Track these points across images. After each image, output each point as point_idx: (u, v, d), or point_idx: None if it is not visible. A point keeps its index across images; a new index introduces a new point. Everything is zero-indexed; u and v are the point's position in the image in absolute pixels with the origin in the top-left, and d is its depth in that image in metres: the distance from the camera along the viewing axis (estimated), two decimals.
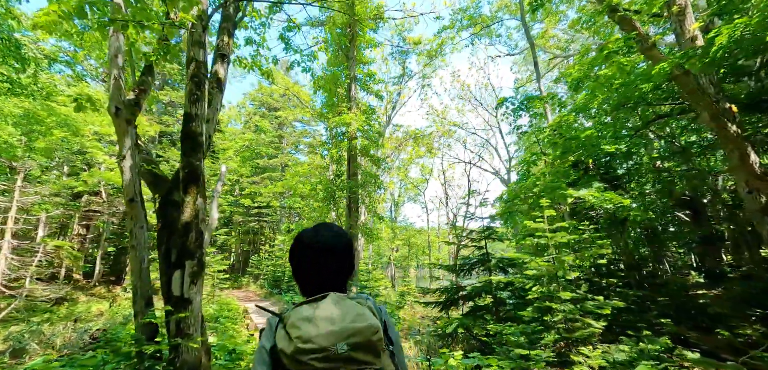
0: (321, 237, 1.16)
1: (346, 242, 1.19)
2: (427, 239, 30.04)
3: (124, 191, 4.37)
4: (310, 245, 1.15)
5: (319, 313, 0.99)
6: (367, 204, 12.35)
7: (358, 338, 0.96)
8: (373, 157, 12.21)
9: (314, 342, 0.93)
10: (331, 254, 1.15)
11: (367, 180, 11.85)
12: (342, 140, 11.60)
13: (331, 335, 0.94)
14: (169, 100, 17.28)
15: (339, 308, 1.00)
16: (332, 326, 0.95)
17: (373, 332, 0.97)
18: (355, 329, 0.96)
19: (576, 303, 4.48)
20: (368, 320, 0.98)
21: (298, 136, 25.43)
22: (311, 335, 0.94)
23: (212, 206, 11.17)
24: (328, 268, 1.14)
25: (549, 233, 4.87)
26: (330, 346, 0.93)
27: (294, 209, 24.01)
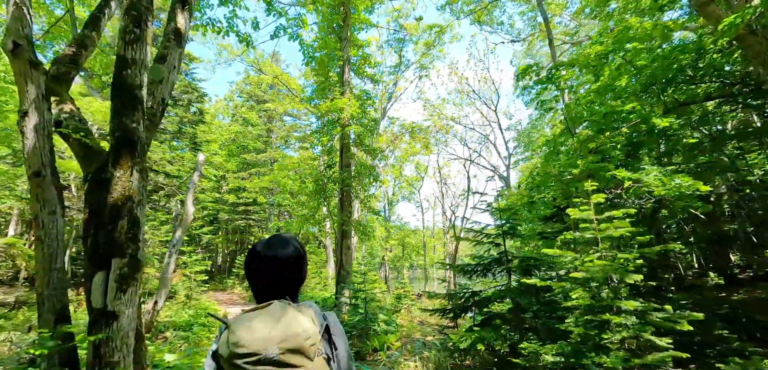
0: (271, 249, 1.25)
1: (296, 255, 1.28)
2: (423, 239, 28.99)
3: (25, 160, 3.18)
4: (260, 257, 1.25)
5: (258, 319, 1.07)
6: (361, 198, 11.20)
7: (290, 343, 1.03)
8: (368, 147, 11.07)
9: (247, 347, 1.01)
10: (281, 265, 1.24)
11: (361, 171, 10.70)
12: (334, 127, 10.44)
13: (264, 340, 1.02)
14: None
15: (278, 315, 1.08)
16: (266, 332, 1.03)
17: (306, 337, 1.05)
18: (289, 335, 1.03)
19: (641, 316, 3.40)
20: (303, 327, 1.06)
21: (288, 130, 24.16)
22: (245, 340, 1.02)
23: (188, 198, 9.96)
24: (277, 278, 1.24)
25: (599, 224, 3.78)
26: (262, 350, 1.01)
27: (283, 207, 22.75)
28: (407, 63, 18.58)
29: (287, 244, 1.28)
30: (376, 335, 7.96)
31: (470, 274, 5.96)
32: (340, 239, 10.59)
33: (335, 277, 10.46)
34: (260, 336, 1.02)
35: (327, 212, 12.11)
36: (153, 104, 4.18)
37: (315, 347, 1.07)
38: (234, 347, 1.01)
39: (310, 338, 1.06)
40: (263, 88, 22.87)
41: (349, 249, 10.49)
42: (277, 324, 1.05)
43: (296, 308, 1.13)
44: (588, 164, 4.20)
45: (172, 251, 9.13)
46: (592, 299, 3.57)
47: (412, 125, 19.57)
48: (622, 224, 3.66)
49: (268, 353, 1.00)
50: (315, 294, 14.28)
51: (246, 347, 1.01)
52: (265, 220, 22.44)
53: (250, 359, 1.00)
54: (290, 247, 1.28)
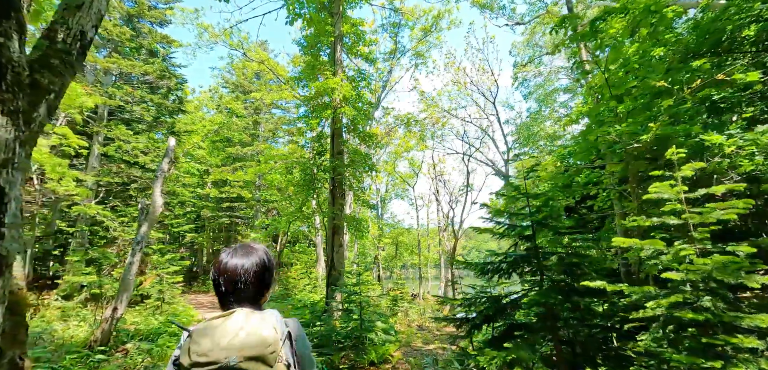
0: (236, 257, 1.29)
1: (261, 265, 1.31)
2: (417, 238, 27.92)
3: None
4: (225, 265, 1.27)
5: (220, 328, 1.10)
6: (355, 190, 10.04)
7: (249, 351, 1.06)
8: (363, 133, 9.92)
9: (208, 356, 1.05)
10: (245, 274, 1.26)
11: (355, 159, 9.55)
12: (325, 110, 9.27)
13: (224, 348, 1.05)
14: (120, 71, 14.57)
15: (240, 324, 1.11)
16: (226, 341, 1.06)
17: (266, 345, 1.08)
18: (248, 343, 1.07)
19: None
20: (263, 335, 1.09)
21: (276, 122, 22.85)
22: (206, 349, 1.06)
23: (155, 188, 8.68)
24: (241, 287, 1.25)
25: (689, 207, 2.71)
26: (222, 358, 1.04)
27: (269, 203, 21.45)
28: (403, 49, 17.49)
29: (252, 253, 1.33)
30: (373, 345, 6.83)
31: (491, 273, 4.85)
32: (330, 236, 9.43)
33: (326, 278, 9.30)
34: (220, 345, 1.06)
35: (316, 206, 10.93)
36: (66, 38, 3.01)
37: (275, 354, 1.11)
38: (195, 356, 1.06)
39: (270, 345, 1.10)
40: (249, 75, 21.52)
41: (341, 247, 9.33)
42: (239, 333, 1.09)
43: (259, 316, 1.16)
44: (664, 128, 3.14)
45: (135, 248, 7.88)
46: (692, 310, 2.49)
47: (408, 116, 18.49)
48: (729, 205, 2.58)
49: (229, 361, 1.04)
50: (303, 296, 13.09)
51: (206, 356, 1.05)
52: (251, 217, 21.11)
53: (210, 368, 1.04)
54: (255, 256, 1.32)
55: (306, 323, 7.83)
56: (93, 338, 7.31)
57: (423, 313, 12.80)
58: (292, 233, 21.04)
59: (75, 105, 11.62)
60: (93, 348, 7.11)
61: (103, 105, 14.79)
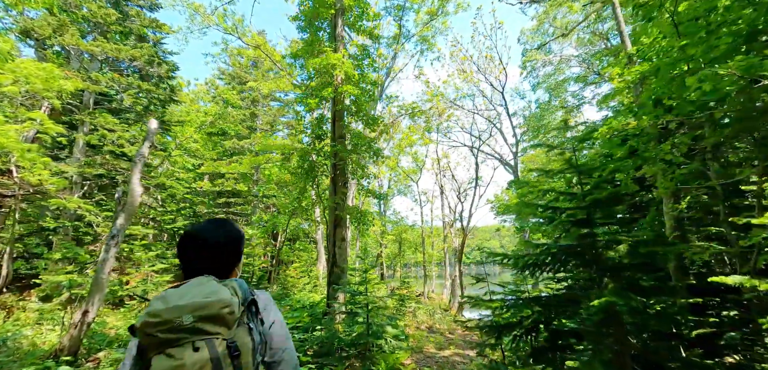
0: (204, 231, 1.27)
1: (230, 235, 1.30)
2: (421, 235, 26.91)
3: None
4: (192, 236, 1.26)
5: (176, 292, 1.07)
6: (358, 178, 9.06)
7: (205, 311, 1.02)
8: (366, 116, 8.94)
9: (160, 316, 1.00)
10: (211, 247, 1.25)
11: (359, 142, 8.58)
12: (325, 88, 8.29)
13: (177, 309, 1.01)
14: (106, 56, 13.59)
15: (197, 288, 1.08)
16: (180, 301, 1.03)
17: (222, 306, 1.05)
18: (204, 304, 1.03)
19: None
20: (220, 296, 1.06)
21: (274, 114, 21.85)
22: (158, 309, 1.02)
23: (133, 175, 7.70)
24: (207, 259, 1.24)
25: None
26: (174, 318, 1.00)
27: (268, 199, 20.47)
28: (407, 34, 16.49)
29: (221, 226, 1.31)
30: (382, 354, 5.87)
31: (532, 268, 3.88)
32: (331, 229, 8.46)
33: (327, 277, 8.34)
34: (174, 305, 1.02)
35: (315, 197, 9.96)
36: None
37: (234, 315, 1.07)
38: (147, 316, 1.02)
39: (228, 306, 1.05)
40: (245, 64, 20.53)
41: (343, 241, 8.37)
42: (194, 294, 1.06)
43: (223, 282, 1.14)
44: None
45: (110, 243, 6.93)
46: None
47: (413, 106, 17.50)
48: None
49: (183, 321, 1.00)
50: (303, 296, 12.13)
51: (159, 316, 1.00)
52: (249, 214, 20.16)
53: (162, 327, 1.00)
54: (223, 229, 1.30)
55: (305, 327, 6.88)
56: (59, 346, 6.37)
57: (432, 313, 11.84)
58: (292, 230, 20.08)
59: (53, 88, 10.67)
60: (58, 358, 6.16)
61: (88, 92, 13.84)
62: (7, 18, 13.82)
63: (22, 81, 10.23)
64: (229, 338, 1.04)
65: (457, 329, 11.05)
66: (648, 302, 3.50)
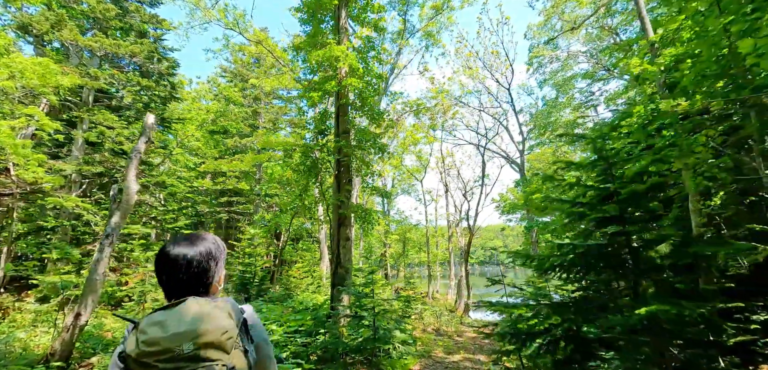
0: (179, 247, 1.20)
1: (206, 253, 1.23)
2: (426, 234, 26.53)
3: None
4: (166, 255, 1.19)
5: (170, 316, 1.02)
6: (363, 174, 8.71)
7: (205, 338, 0.99)
8: (371, 110, 8.60)
9: (160, 344, 0.96)
10: (187, 264, 1.18)
11: (364, 137, 8.24)
12: (328, 82, 7.95)
13: (177, 336, 0.97)
14: (105, 52, 13.32)
15: (192, 311, 1.04)
16: (179, 328, 0.99)
17: (222, 332, 1.02)
18: (203, 330, 1.00)
19: None
20: (219, 323, 1.03)
21: (276, 112, 21.54)
22: (157, 337, 0.97)
23: (129, 172, 7.39)
24: (184, 276, 1.18)
25: None
26: (175, 347, 0.96)
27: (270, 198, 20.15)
28: (412, 29, 16.13)
29: (198, 241, 1.25)
30: (389, 359, 5.52)
31: (560, 270, 3.52)
32: (335, 228, 8.12)
33: (330, 277, 8.00)
34: (174, 333, 0.98)
35: (318, 195, 9.63)
36: None
37: (232, 340, 1.05)
38: (145, 345, 0.97)
39: (227, 331, 1.04)
40: (247, 61, 20.23)
41: (348, 241, 8.03)
42: (192, 320, 1.02)
43: (212, 303, 1.10)
44: None
45: (104, 243, 6.63)
46: None
47: (418, 102, 17.14)
48: None
49: (182, 350, 0.97)
50: (306, 298, 11.80)
51: (158, 345, 0.96)
52: (251, 213, 19.87)
53: (162, 357, 0.96)
54: (201, 245, 1.24)
55: (308, 331, 6.54)
56: (50, 351, 6.08)
57: (439, 315, 11.48)
58: (295, 230, 19.78)
59: (50, 84, 10.40)
60: (49, 362, 5.87)
61: (87, 89, 13.58)
62: (6, 14, 13.62)
63: (18, 76, 9.98)
64: (228, 364, 1.02)
65: (466, 331, 10.70)
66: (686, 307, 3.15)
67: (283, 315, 7.86)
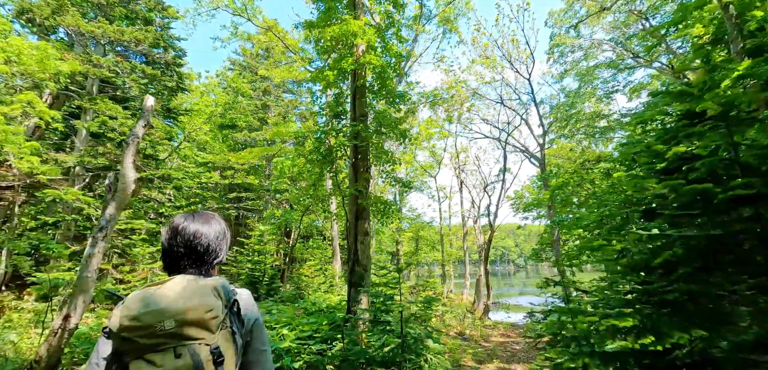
0: (196, 223, 1.20)
1: (222, 232, 1.25)
2: (440, 232, 25.66)
3: None
4: (183, 227, 1.18)
5: (156, 292, 0.99)
6: (382, 162, 7.91)
7: (188, 315, 0.95)
8: (392, 93, 7.80)
9: (140, 320, 0.93)
10: (204, 239, 1.18)
11: (384, 121, 7.44)
12: (345, 60, 7.17)
13: (158, 312, 0.94)
14: (109, 40, 12.74)
15: (180, 288, 1.00)
16: (162, 304, 0.95)
17: (206, 310, 0.98)
18: (186, 307, 0.96)
19: None
20: (204, 300, 0.99)
21: (286, 106, 20.88)
22: (138, 312, 0.94)
23: (126, 158, 6.70)
24: (200, 250, 1.17)
25: None
26: (155, 323, 0.93)
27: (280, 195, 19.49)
28: (429, 14, 15.29)
29: (212, 220, 1.25)
30: None
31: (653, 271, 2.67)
32: (352, 222, 7.34)
33: (346, 277, 7.23)
34: (155, 309, 0.95)
35: (331, 187, 8.86)
36: None
37: (217, 319, 1.00)
38: (125, 320, 0.94)
39: (212, 310, 0.99)
40: (255, 50, 19.58)
41: (366, 236, 7.24)
42: (177, 296, 0.98)
43: (202, 281, 1.06)
44: None
45: (97, 236, 5.96)
46: None
47: (434, 93, 16.29)
48: None
49: (164, 326, 0.93)
50: (318, 298, 11.06)
51: (138, 321, 0.93)
52: (260, 209, 19.23)
53: (141, 333, 0.92)
54: (215, 224, 1.24)
55: (324, 338, 5.77)
56: (36, 357, 5.42)
57: (462, 318, 10.64)
58: (305, 227, 19.10)
59: (48, 70, 9.82)
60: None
61: (92, 78, 13.04)
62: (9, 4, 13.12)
63: (15, 61, 9.41)
64: (212, 344, 0.97)
65: (491, 334, 9.85)
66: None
67: (295, 318, 7.11)
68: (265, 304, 10.42)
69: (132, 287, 9.67)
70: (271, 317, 7.81)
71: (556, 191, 13.77)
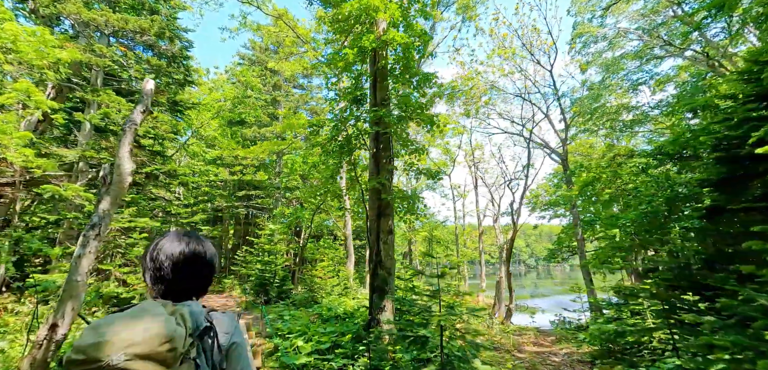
0: (192, 244, 1.08)
1: (215, 256, 1.13)
2: (455, 232, 24.76)
3: None
4: (180, 249, 1.06)
5: (117, 321, 0.87)
6: (407, 153, 7.10)
7: (139, 348, 0.82)
8: (417, 74, 6.99)
9: (85, 353, 0.81)
10: (201, 262, 1.08)
11: (408, 105, 6.63)
12: (365, 38, 6.37)
13: (105, 345, 0.81)
14: (113, 29, 12.17)
15: (137, 318, 0.88)
16: (113, 336, 0.83)
17: (161, 342, 0.85)
18: (139, 340, 0.83)
19: None
20: (160, 330, 0.86)
21: (297, 100, 20.19)
22: (86, 344, 0.82)
23: (121, 147, 5.99)
24: (194, 275, 1.07)
25: None
26: (102, 356, 0.80)
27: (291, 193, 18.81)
28: (447, 1, 14.42)
29: (204, 241, 1.12)
30: None
31: None
32: (373, 219, 6.55)
33: (368, 280, 6.44)
34: (105, 340, 0.82)
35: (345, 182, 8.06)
36: None
37: (175, 352, 0.86)
38: (73, 352, 0.83)
39: (167, 342, 0.85)
40: (264, 41, 18.92)
41: (390, 234, 6.44)
42: (134, 326, 0.85)
43: (170, 307, 0.95)
44: None
45: (88, 234, 5.28)
46: None
47: (452, 85, 15.43)
48: None
49: (111, 360, 0.80)
50: (332, 301, 10.30)
51: (83, 354, 0.80)
52: (269, 207, 18.56)
53: (87, 367, 0.80)
54: (208, 245, 1.12)
55: (346, 351, 4.99)
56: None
57: (490, 324, 9.78)
58: (316, 226, 18.39)
59: (47, 58, 9.24)
60: None
61: (96, 70, 12.47)
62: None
63: (11, 48, 8.82)
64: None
65: (523, 343, 8.98)
66: None
67: (311, 326, 6.34)
68: (276, 308, 9.69)
69: (135, 291, 9.02)
70: (283, 324, 7.06)
71: (585, 187, 12.85)
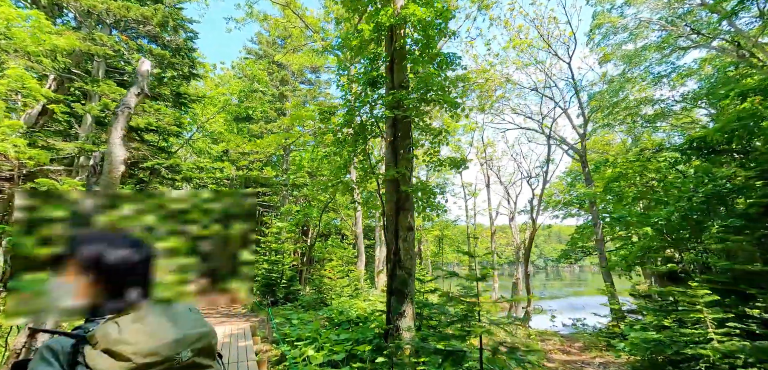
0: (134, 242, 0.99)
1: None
2: (467, 231, 24.02)
3: None
4: (128, 252, 0.96)
5: (148, 320, 0.83)
6: (432, 138, 6.44)
7: (200, 343, 0.87)
8: (439, 56, 6.33)
9: (157, 354, 0.79)
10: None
11: (429, 87, 5.97)
12: (382, 13, 5.73)
13: (176, 343, 0.83)
14: (115, 18, 11.69)
15: (181, 315, 0.89)
16: (175, 334, 0.84)
17: (213, 336, 0.91)
18: (199, 335, 0.88)
19: None
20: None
21: (304, 95, 19.62)
22: (154, 347, 0.80)
23: (113, 133, 5.43)
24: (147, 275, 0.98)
25: None
26: (174, 354, 0.82)
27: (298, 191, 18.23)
28: None
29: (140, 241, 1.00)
30: None
31: None
32: (391, 215, 5.90)
33: (387, 282, 5.79)
34: (174, 339, 0.84)
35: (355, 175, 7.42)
36: None
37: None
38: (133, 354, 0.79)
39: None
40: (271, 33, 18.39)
41: (410, 231, 5.78)
42: (183, 323, 0.88)
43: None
44: None
45: None
46: None
47: (467, 76, 14.70)
48: None
49: (181, 358, 0.84)
50: (342, 303, 9.67)
51: (156, 355, 0.80)
52: (276, 205, 18.01)
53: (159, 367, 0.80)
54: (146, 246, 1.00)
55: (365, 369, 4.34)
56: None
57: (513, 330, 9.07)
58: (324, 225, 17.80)
59: (43, 46, 8.75)
60: None
61: (98, 60, 12.00)
62: None
63: (5, 32, 8.35)
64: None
65: (550, 351, 8.27)
66: None
67: (322, 333, 5.71)
68: (284, 310, 9.10)
69: None
70: (291, 329, 6.44)
71: (611, 183, 12.07)
